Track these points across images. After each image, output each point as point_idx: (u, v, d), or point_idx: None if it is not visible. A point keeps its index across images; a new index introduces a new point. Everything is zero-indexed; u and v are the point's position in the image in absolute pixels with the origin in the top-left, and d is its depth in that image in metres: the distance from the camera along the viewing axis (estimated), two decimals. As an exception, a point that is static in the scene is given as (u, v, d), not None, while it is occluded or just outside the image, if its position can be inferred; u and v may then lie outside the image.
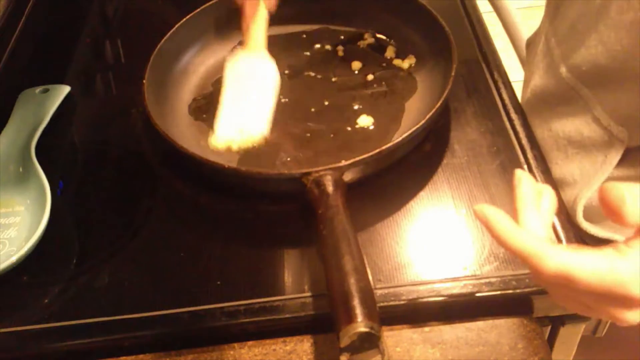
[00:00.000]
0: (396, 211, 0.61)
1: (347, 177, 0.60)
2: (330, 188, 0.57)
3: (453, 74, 0.65)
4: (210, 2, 0.79)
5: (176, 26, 0.76)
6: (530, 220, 0.42)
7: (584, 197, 0.61)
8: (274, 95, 0.67)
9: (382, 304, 0.54)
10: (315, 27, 0.82)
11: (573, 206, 0.62)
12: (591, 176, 0.61)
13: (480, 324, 0.54)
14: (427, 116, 0.62)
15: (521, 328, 0.53)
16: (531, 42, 0.76)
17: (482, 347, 0.52)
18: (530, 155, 0.64)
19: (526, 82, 0.74)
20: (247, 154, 0.67)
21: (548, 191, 0.45)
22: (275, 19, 0.83)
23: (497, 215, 0.42)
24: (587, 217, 0.62)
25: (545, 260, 0.39)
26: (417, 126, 0.62)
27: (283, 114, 0.71)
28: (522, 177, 0.44)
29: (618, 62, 0.56)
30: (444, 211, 0.61)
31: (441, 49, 0.71)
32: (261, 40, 0.70)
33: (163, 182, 0.68)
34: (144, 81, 0.69)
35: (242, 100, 0.67)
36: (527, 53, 0.78)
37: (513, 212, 0.43)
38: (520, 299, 0.55)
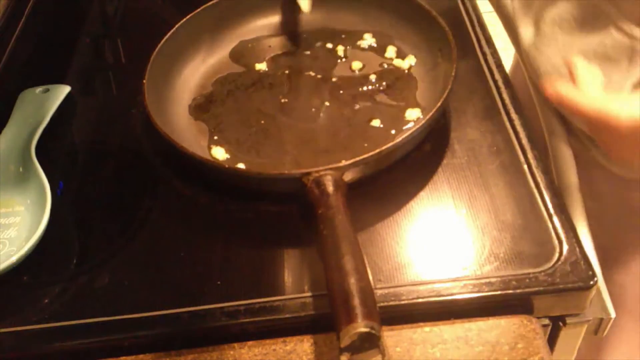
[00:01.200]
0: (396, 211, 0.61)
1: (348, 177, 0.59)
2: (330, 188, 0.57)
3: (453, 74, 0.65)
4: (211, 2, 0.79)
5: (176, 26, 0.76)
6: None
7: None
8: None
9: (382, 304, 0.54)
10: (315, 27, 0.81)
11: None
12: (618, 81, 0.63)
13: (480, 324, 0.54)
14: (427, 116, 0.62)
15: (521, 328, 0.53)
16: None
17: (482, 347, 0.52)
18: (530, 155, 0.64)
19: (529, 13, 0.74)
20: (247, 153, 0.67)
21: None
22: (275, 19, 0.83)
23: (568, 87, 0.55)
24: None
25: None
26: (417, 126, 0.62)
27: (283, 114, 0.72)
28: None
29: None
30: (444, 211, 0.61)
31: (441, 49, 0.71)
32: None
33: (163, 182, 0.68)
34: (144, 81, 0.69)
35: None
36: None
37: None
38: (520, 299, 0.54)
